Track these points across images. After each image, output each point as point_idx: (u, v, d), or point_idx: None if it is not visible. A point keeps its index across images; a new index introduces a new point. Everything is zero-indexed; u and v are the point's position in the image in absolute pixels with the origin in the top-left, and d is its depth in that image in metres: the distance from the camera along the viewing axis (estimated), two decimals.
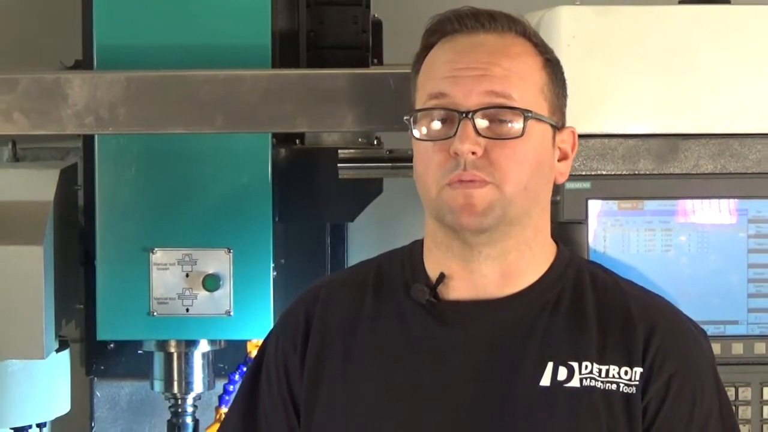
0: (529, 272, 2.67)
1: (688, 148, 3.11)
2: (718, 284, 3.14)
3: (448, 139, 2.56)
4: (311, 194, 3.69)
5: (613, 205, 3.12)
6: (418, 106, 2.65)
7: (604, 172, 3.10)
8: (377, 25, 3.81)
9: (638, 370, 2.58)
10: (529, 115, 2.57)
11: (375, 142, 3.57)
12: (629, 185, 3.11)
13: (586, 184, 3.10)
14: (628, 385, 2.58)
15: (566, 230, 3.06)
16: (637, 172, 3.11)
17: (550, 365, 2.59)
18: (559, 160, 2.69)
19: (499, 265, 2.64)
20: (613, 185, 3.09)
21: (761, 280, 3.12)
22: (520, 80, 2.59)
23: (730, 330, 3.10)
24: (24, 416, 3.76)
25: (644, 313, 2.65)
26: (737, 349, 3.10)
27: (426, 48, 2.69)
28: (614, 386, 2.58)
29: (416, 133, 2.63)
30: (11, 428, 3.78)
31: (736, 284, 3.13)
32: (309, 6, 3.69)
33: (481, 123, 2.55)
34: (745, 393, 3.08)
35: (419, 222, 3.48)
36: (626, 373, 2.58)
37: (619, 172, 3.09)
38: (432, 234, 2.69)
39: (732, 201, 3.13)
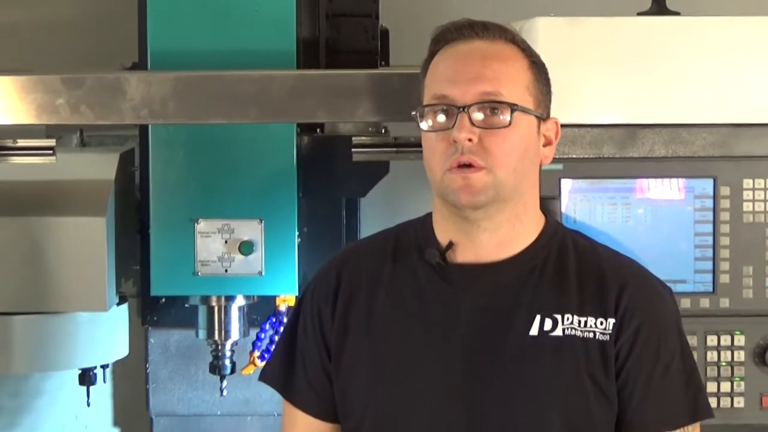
0: (521, 240, 2.65)
1: (645, 136, 3.10)
2: (669, 249, 3.12)
3: (449, 130, 2.56)
4: (329, 174, 3.67)
5: (581, 183, 3.12)
6: (424, 103, 2.63)
7: (574, 156, 3.11)
8: (385, 34, 3.80)
9: (611, 321, 2.59)
10: (516, 107, 2.56)
11: (383, 131, 3.56)
12: (595, 167, 3.11)
13: (559, 166, 3.09)
14: (603, 334, 2.58)
15: (543, 204, 2.99)
16: (601, 156, 3.11)
17: (537, 318, 2.59)
18: (544, 146, 2.68)
19: (495, 236, 2.63)
20: (582, 167, 3.09)
21: (705, 246, 3.12)
22: (508, 80, 2.59)
23: (679, 287, 3.07)
24: (90, 359, 3.73)
25: (617, 273, 2.65)
26: (685, 303, 3.08)
27: (431, 54, 2.68)
28: (591, 335, 2.58)
29: (423, 125, 2.62)
30: (79, 369, 3.74)
31: (684, 250, 3.12)
32: (327, 18, 3.67)
33: (476, 116, 2.54)
34: (692, 341, 3.03)
35: (420, 197, 3.47)
36: (601, 323, 2.59)
37: (586, 156, 3.09)
38: (439, 209, 2.67)
39: (681, 180, 3.12)
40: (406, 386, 2.63)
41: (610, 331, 2.58)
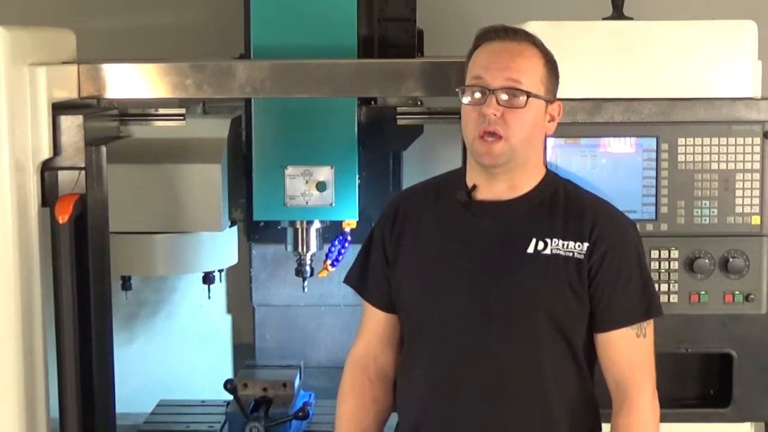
0: (525, 186, 2.66)
1: (607, 107, 3.05)
2: (624, 189, 3.07)
3: (481, 105, 2.57)
4: (380, 134, 3.65)
5: (561, 141, 3.07)
6: (466, 84, 2.63)
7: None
8: (420, 33, 3.80)
9: (586, 244, 2.60)
10: (530, 94, 2.56)
11: (419, 103, 3.56)
12: (571, 129, 3.05)
13: None
14: (579, 254, 2.59)
15: None
16: (576, 122, 3.05)
17: (533, 240, 2.60)
18: (549, 122, 2.66)
19: (507, 182, 2.64)
20: (562, 129, 2.94)
21: (650, 186, 3.08)
22: (528, 73, 2.58)
23: (631, 216, 2.96)
24: (210, 265, 3.79)
25: (593, 210, 2.66)
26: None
27: (475, 47, 2.66)
28: (571, 254, 2.59)
29: (464, 99, 2.61)
30: (203, 272, 3.80)
31: (635, 189, 3.08)
32: (379, 21, 3.68)
33: (501, 97, 2.55)
34: None
35: (445, 152, 3.60)
36: (578, 246, 2.60)
37: (565, 122, 2.97)
38: (470, 161, 2.68)
39: (632, 139, 3.08)
40: (438, 284, 2.65)
41: (585, 252, 2.58)
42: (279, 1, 3.49)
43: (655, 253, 3.07)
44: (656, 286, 3.03)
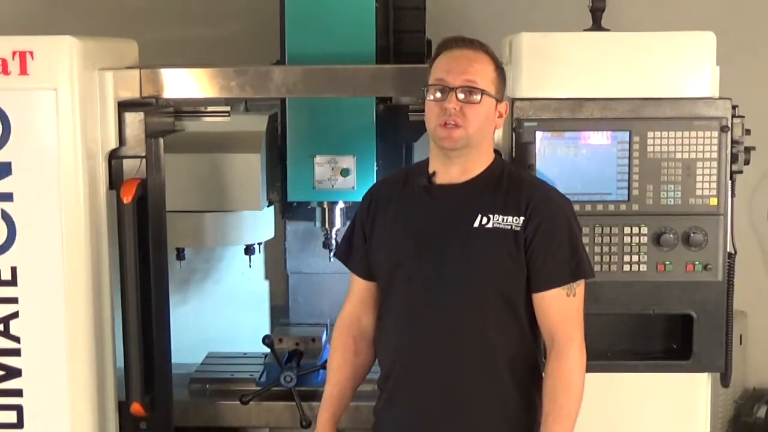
0: (476, 170, 2.70)
1: (587, 105, 3.02)
2: (601, 174, 3.04)
3: (443, 101, 2.63)
4: (395, 127, 3.63)
5: (548, 134, 3.04)
6: (429, 83, 2.69)
7: (544, 117, 3.02)
8: (428, 43, 3.76)
9: (522, 218, 2.64)
10: (484, 92, 2.63)
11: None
12: (556, 124, 3.02)
13: (535, 123, 3.03)
14: (517, 226, 2.63)
15: (524, 148, 3.02)
16: (561, 118, 3.03)
17: (478, 216, 2.64)
18: (498, 117, 2.72)
19: (461, 166, 2.69)
20: (549, 124, 3.01)
21: (623, 172, 3.04)
22: (482, 75, 2.64)
23: (607, 198, 3.04)
24: (251, 238, 3.77)
25: (529, 188, 2.70)
26: (610, 207, 3.04)
27: (437, 54, 2.73)
28: (509, 227, 2.63)
29: (429, 96, 2.67)
30: (245, 244, 3.79)
31: (611, 174, 3.05)
32: (394, 33, 3.67)
33: (460, 95, 2.61)
34: (615, 231, 3.05)
35: None
36: (516, 220, 2.63)
37: (551, 117, 3.01)
38: (432, 149, 2.74)
39: (608, 132, 3.05)
40: (402, 255, 2.70)
41: (521, 225, 2.62)
42: (310, 15, 3.47)
43: (627, 230, 3.05)
44: (629, 257, 3.04)
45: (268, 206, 3.70)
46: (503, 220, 2.63)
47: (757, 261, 5.06)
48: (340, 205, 3.65)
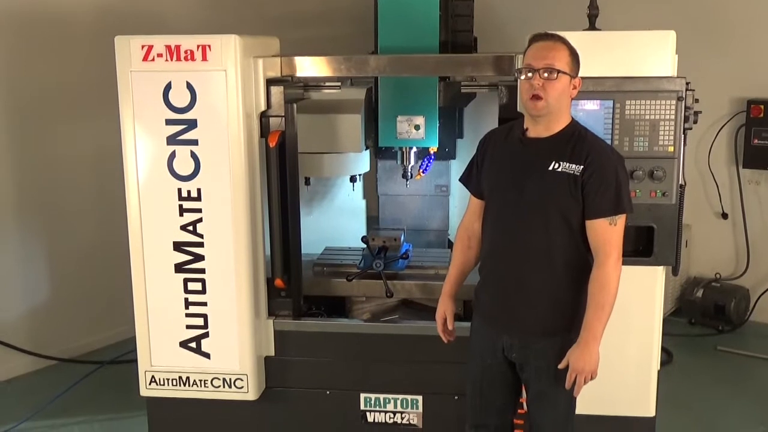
0: (555, 128, 2.55)
1: (584, 82, 2.77)
2: (594, 130, 2.75)
3: (531, 80, 2.48)
4: (452, 97, 3.56)
5: None
6: (522, 67, 2.53)
7: None
8: (475, 39, 3.68)
9: (581, 166, 2.50)
10: (560, 71, 2.48)
11: (474, 80, 3.41)
12: None
13: None
14: (577, 172, 2.50)
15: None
16: None
17: (552, 162, 2.52)
18: (572, 89, 2.54)
19: (544, 125, 2.55)
20: None
21: (608, 129, 2.96)
22: (558, 59, 2.48)
23: None
24: (354, 170, 3.70)
25: (590, 145, 2.54)
26: None
27: (529, 44, 2.54)
28: (572, 171, 2.50)
29: (521, 77, 2.51)
30: (350, 175, 3.71)
31: (599, 130, 2.94)
32: (451, 32, 3.57)
33: (544, 74, 2.47)
34: None
35: (487, 108, 3.46)
36: (577, 167, 2.50)
37: None
38: (525, 114, 2.59)
39: (597, 101, 2.98)
40: (498, 184, 2.61)
41: (581, 171, 2.49)
42: (395, 20, 3.41)
43: None
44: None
45: (365, 149, 3.61)
46: (569, 166, 2.49)
47: (699, 190, 5.08)
48: (414, 149, 3.58)
